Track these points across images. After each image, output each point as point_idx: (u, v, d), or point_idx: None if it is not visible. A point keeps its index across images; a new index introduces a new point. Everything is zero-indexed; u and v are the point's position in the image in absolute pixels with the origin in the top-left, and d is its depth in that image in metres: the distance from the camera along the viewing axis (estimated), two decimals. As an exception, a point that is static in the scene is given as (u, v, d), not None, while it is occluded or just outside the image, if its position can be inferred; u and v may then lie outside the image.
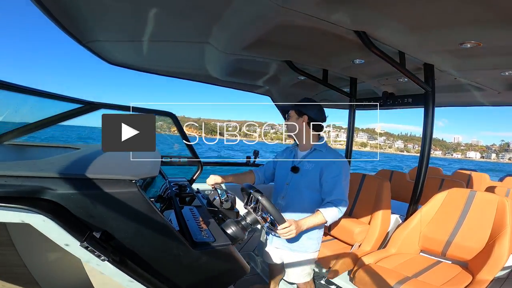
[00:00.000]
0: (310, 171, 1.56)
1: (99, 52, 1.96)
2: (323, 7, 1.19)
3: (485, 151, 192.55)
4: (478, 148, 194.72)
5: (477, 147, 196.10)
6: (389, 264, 1.77)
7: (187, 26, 1.53)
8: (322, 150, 1.60)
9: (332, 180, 1.50)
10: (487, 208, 1.77)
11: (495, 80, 2.19)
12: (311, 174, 1.56)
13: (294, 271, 1.65)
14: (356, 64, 2.03)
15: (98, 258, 0.76)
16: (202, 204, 1.42)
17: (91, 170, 0.83)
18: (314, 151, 1.61)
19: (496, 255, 1.56)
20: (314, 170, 1.55)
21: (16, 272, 0.98)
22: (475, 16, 1.23)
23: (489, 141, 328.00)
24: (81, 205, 0.75)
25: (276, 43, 1.73)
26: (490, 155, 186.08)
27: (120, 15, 1.43)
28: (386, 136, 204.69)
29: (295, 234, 1.32)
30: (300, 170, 1.60)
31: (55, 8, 1.33)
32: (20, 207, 0.68)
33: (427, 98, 1.97)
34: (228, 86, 2.79)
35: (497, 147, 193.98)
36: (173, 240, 0.87)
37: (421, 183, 2.03)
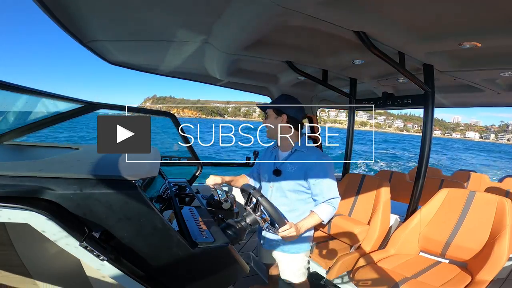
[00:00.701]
0: (293, 173, 1.52)
1: (100, 51, 1.96)
2: (323, 7, 1.19)
3: (484, 132, 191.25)
4: (477, 129, 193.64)
5: (476, 127, 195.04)
6: (389, 264, 1.77)
7: (187, 26, 1.53)
8: (303, 150, 1.54)
9: (320, 182, 1.48)
10: (487, 208, 1.77)
11: (495, 80, 2.20)
12: (295, 177, 1.52)
13: (289, 272, 1.65)
14: (356, 65, 2.03)
15: (97, 258, 0.76)
16: (202, 205, 1.42)
17: (91, 170, 0.83)
18: (295, 152, 1.56)
19: (495, 256, 1.56)
20: (297, 172, 1.51)
21: (15, 272, 0.98)
22: (475, 17, 1.23)
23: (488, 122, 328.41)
24: (80, 205, 0.75)
25: (276, 43, 1.73)
26: (489, 135, 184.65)
27: (120, 15, 1.43)
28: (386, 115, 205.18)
29: (296, 235, 1.32)
30: (282, 173, 1.55)
31: (56, 7, 1.33)
32: (20, 207, 0.68)
33: (427, 98, 1.97)
34: (228, 86, 2.79)
35: (496, 127, 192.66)
36: (172, 240, 0.87)
37: (420, 183, 2.03)
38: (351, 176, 2.48)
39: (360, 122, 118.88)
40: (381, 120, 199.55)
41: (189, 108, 26.42)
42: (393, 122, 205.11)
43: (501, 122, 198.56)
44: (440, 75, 2.03)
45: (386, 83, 2.44)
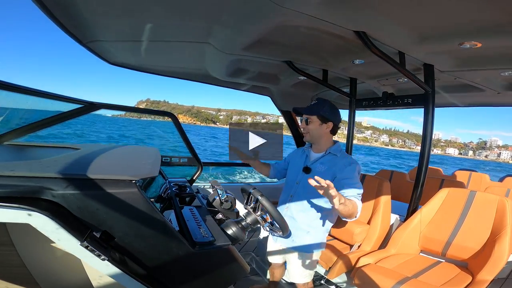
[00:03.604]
0: (322, 173, 1.55)
1: (99, 52, 1.96)
2: (323, 7, 1.19)
3: (463, 148, 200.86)
4: (457, 145, 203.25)
5: (455, 144, 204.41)
6: (389, 264, 1.77)
7: (187, 26, 1.53)
8: (336, 154, 1.59)
9: (350, 180, 1.47)
10: (487, 208, 1.77)
11: (495, 80, 2.19)
12: (323, 176, 1.52)
13: (296, 271, 1.65)
14: (356, 64, 2.03)
15: (98, 257, 0.76)
16: (202, 204, 1.42)
17: (91, 170, 0.83)
18: (328, 154, 1.60)
19: (496, 255, 1.56)
20: (326, 172, 1.54)
21: (15, 272, 0.98)
22: (475, 17, 1.23)
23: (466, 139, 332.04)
24: (81, 205, 0.75)
25: (276, 43, 1.73)
26: (468, 152, 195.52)
27: (120, 15, 1.43)
28: (373, 130, 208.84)
29: (335, 193, 1.20)
30: (312, 170, 1.59)
31: (55, 8, 1.33)
32: (20, 207, 0.68)
33: (427, 98, 1.97)
34: (228, 86, 2.79)
35: (474, 144, 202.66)
36: (173, 240, 0.87)
37: (421, 183, 2.03)
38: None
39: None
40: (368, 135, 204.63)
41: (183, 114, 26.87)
42: (379, 136, 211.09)
43: (479, 139, 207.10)
44: (441, 75, 2.03)
45: (386, 83, 2.44)
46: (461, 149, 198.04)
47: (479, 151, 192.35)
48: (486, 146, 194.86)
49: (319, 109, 1.57)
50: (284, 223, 1.25)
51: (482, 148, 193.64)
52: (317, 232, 1.59)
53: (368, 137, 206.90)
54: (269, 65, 2.17)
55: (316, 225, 1.59)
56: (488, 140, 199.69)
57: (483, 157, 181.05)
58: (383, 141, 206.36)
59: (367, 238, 2.06)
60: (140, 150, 1.49)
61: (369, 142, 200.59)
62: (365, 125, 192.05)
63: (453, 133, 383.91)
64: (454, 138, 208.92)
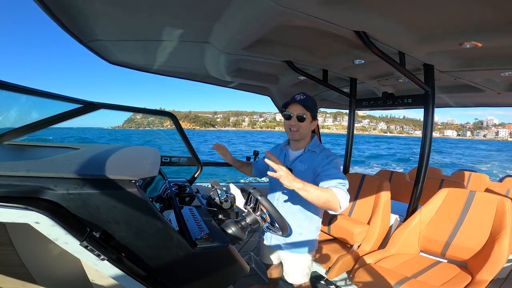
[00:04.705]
0: (303, 172, 1.52)
1: (100, 51, 1.96)
2: (323, 7, 1.19)
3: (460, 129, 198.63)
4: (454, 127, 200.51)
5: (452, 126, 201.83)
6: (389, 264, 1.77)
7: (187, 26, 1.53)
8: (315, 150, 1.55)
9: (328, 171, 1.40)
10: (487, 208, 1.77)
11: (495, 80, 2.20)
12: (305, 175, 1.49)
13: (293, 272, 1.65)
14: (356, 64, 2.03)
15: (98, 257, 0.76)
16: (202, 204, 1.42)
17: (91, 170, 0.83)
18: (307, 152, 1.56)
19: (495, 255, 1.56)
20: (307, 170, 1.51)
21: (15, 272, 0.98)
22: (475, 17, 1.23)
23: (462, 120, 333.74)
24: (80, 205, 0.75)
25: (276, 43, 1.73)
26: (465, 132, 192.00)
27: (120, 15, 1.43)
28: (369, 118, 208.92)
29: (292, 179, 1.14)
30: (293, 171, 1.54)
31: (56, 7, 1.33)
32: (20, 207, 0.68)
33: (427, 98, 1.97)
34: (228, 86, 2.79)
35: (471, 125, 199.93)
36: (172, 240, 0.87)
37: (420, 183, 2.03)
38: (351, 176, 2.48)
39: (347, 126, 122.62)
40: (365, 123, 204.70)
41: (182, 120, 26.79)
42: (377, 124, 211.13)
43: (475, 120, 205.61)
44: (441, 75, 2.03)
45: (386, 83, 2.44)
46: (459, 131, 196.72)
47: (476, 131, 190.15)
48: (483, 125, 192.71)
49: (312, 105, 1.52)
50: (284, 222, 1.25)
51: (480, 128, 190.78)
52: (309, 232, 1.58)
53: (366, 126, 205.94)
54: (269, 65, 2.17)
55: (306, 226, 1.58)
56: (484, 119, 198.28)
57: (481, 137, 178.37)
58: (381, 129, 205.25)
59: (366, 238, 2.06)
60: (139, 150, 1.49)
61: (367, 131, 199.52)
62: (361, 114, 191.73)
63: (448, 115, 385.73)
64: (450, 120, 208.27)
